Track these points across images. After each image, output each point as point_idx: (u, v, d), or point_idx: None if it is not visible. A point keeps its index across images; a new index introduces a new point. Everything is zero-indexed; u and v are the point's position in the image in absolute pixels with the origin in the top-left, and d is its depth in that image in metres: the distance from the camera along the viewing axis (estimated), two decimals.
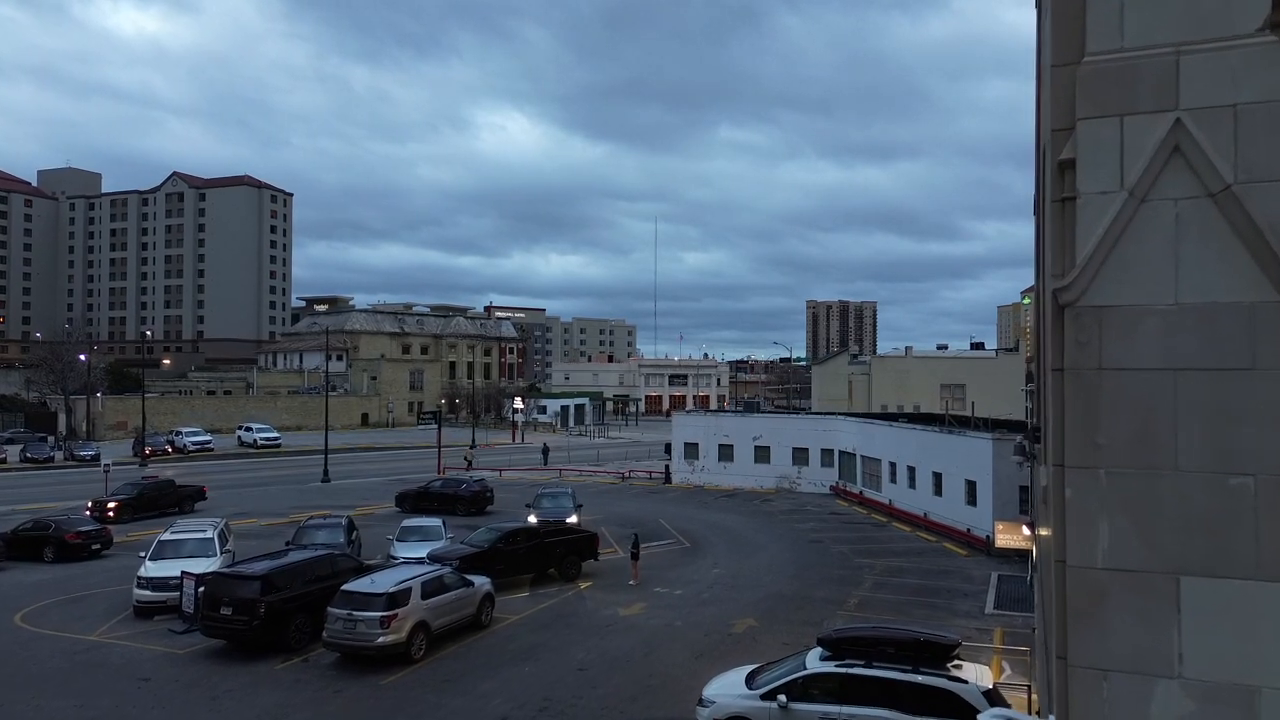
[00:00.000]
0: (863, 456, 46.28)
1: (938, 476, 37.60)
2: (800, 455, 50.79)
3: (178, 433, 78.56)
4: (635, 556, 29.28)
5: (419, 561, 27.84)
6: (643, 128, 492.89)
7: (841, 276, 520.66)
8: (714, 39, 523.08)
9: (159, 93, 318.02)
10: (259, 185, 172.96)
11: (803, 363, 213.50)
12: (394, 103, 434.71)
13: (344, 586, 20.73)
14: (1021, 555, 32.14)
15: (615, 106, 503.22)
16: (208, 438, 78.00)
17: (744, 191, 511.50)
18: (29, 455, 67.59)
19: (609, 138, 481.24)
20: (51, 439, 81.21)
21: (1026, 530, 17.14)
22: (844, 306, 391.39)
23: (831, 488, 49.42)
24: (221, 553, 26.17)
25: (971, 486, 34.62)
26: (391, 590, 20.34)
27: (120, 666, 20.39)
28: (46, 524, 32.30)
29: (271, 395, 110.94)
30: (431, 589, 21.50)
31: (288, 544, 28.33)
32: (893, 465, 42.39)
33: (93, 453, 68.97)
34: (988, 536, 33.12)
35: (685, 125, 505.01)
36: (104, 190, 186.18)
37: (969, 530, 34.51)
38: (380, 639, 19.75)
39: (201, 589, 21.84)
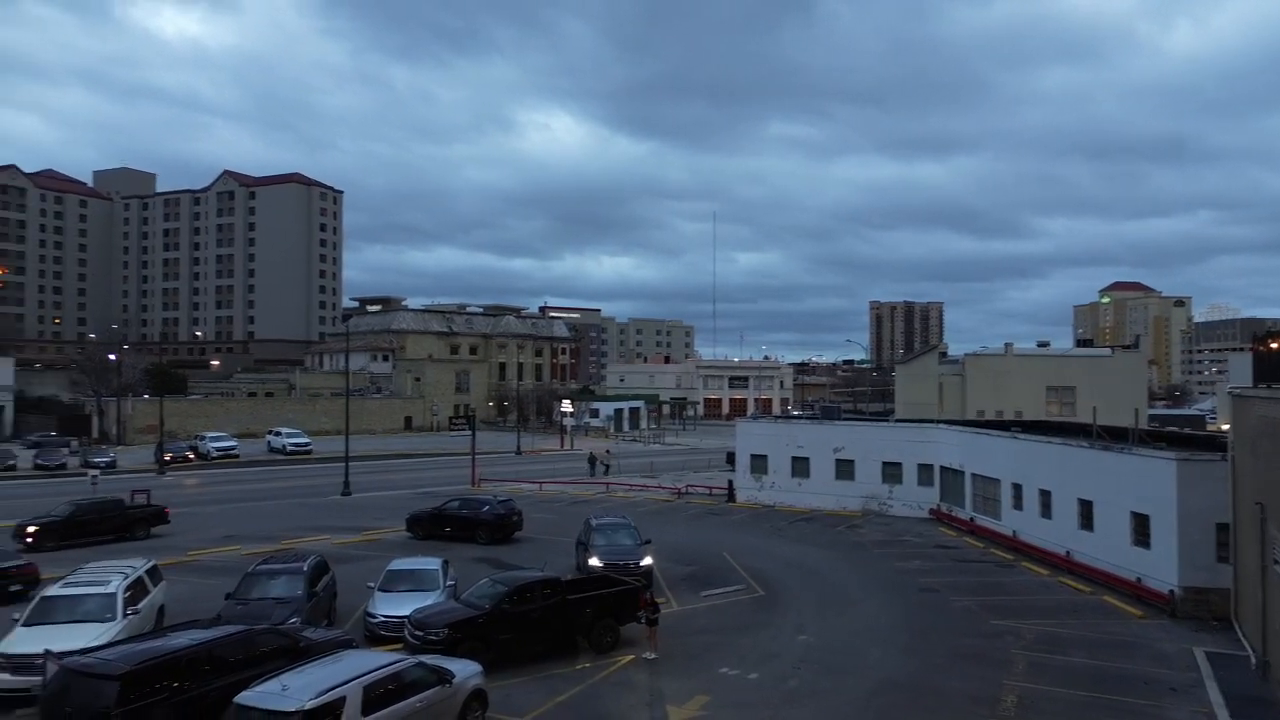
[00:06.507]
0: (973, 475, 37.76)
1: (1086, 505, 29.00)
2: (892, 471, 42.39)
3: (201, 438, 73.34)
4: (653, 622, 20.79)
5: (397, 625, 20.66)
6: (688, 124, 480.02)
7: (900, 276, 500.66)
8: (759, 29, 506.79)
9: (204, 96, 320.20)
10: (309, 183, 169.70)
11: (865, 364, 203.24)
12: (437, 103, 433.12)
13: (241, 696, 13.43)
14: (1220, 619, 23.62)
15: (658, 102, 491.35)
16: (233, 443, 72.51)
17: (796, 188, 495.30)
18: (39, 461, 62.72)
19: (654, 135, 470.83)
20: (75, 443, 76.85)
21: None
22: (908, 307, 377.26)
23: (931, 511, 40.95)
24: (126, 614, 19.15)
25: (1142, 522, 26.01)
26: (309, 705, 12.98)
27: None
28: None
29: (313, 398, 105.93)
30: (382, 694, 14.12)
31: (228, 596, 21.31)
32: (1016, 487, 33.83)
33: (108, 459, 63.93)
34: (1171, 591, 24.57)
35: (732, 120, 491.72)
36: (157, 190, 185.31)
37: (1139, 580, 25.91)
38: None
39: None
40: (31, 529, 32.93)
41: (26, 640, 17.64)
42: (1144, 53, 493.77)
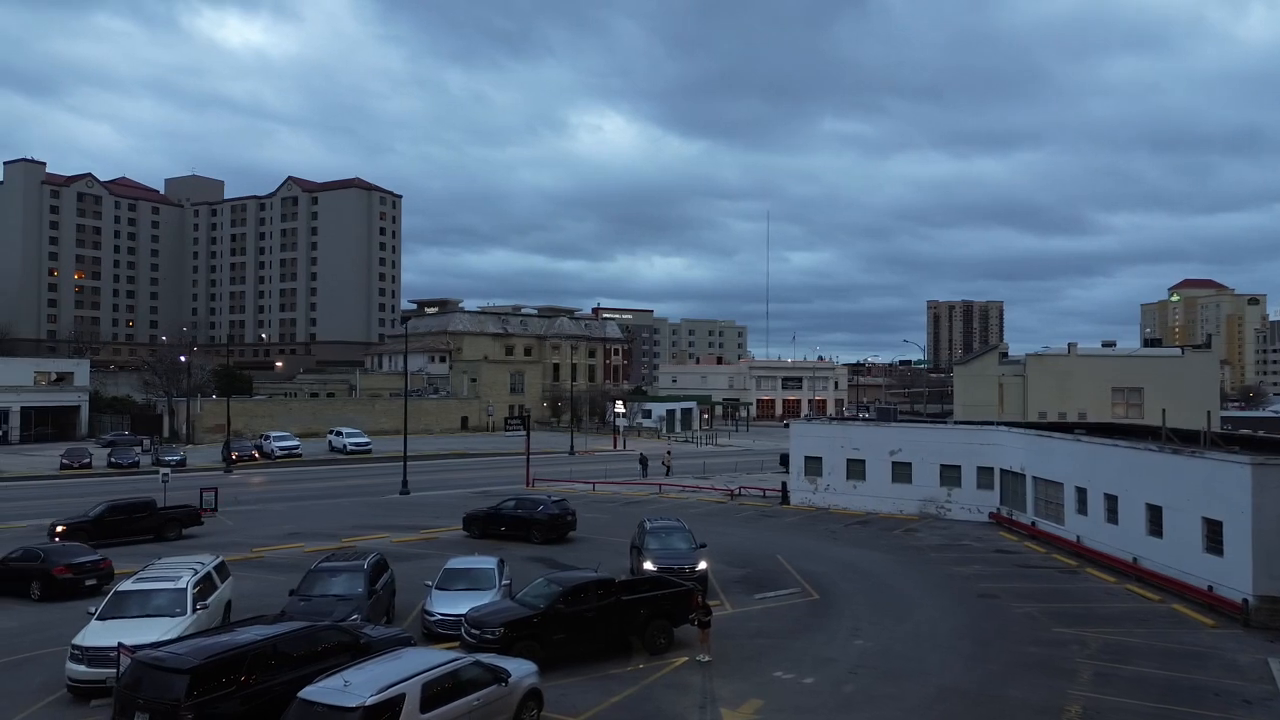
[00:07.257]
0: (1034, 478, 36.90)
1: (1155, 510, 28.13)
2: (950, 474, 41.61)
3: (265, 437, 75.37)
4: (705, 624, 20.48)
5: (453, 623, 20.99)
6: (740, 123, 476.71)
7: (959, 275, 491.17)
8: (812, 24, 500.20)
9: (268, 103, 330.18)
10: (368, 188, 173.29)
11: (923, 365, 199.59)
12: (491, 105, 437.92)
13: (304, 691, 13.78)
14: None
15: (710, 101, 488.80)
16: (295, 443, 74.34)
17: (851, 186, 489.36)
18: (113, 460, 65.08)
19: (706, 134, 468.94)
20: (147, 442, 79.55)
21: None
22: (967, 307, 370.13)
23: (991, 515, 40.13)
24: (195, 609, 19.78)
25: (1214, 528, 25.14)
26: (370, 701, 13.26)
27: None
28: (35, 553, 27.07)
29: (372, 398, 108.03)
30: (439, 692, 14.36)
31: (291, 593, 21.87)
32: (1080, 491, 32.96)
33: (179, 458, 66.13)
34: (1245, 600, 23.71)
35: (785, 118, 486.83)
36: (225, 197, 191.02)
37: (1211, 589, 25.04)
38: None
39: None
40: (60, 529, 32.85)
41: (101, 634, 18.36)
42: (1216, 40, 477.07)
